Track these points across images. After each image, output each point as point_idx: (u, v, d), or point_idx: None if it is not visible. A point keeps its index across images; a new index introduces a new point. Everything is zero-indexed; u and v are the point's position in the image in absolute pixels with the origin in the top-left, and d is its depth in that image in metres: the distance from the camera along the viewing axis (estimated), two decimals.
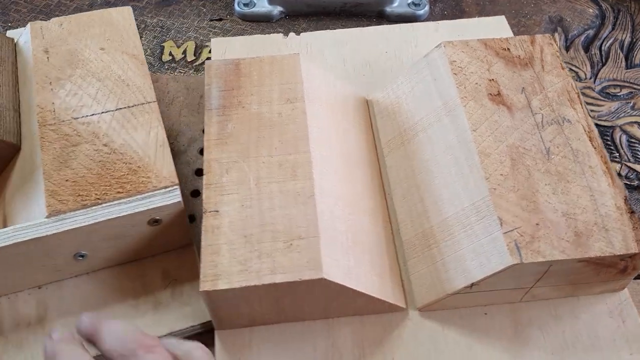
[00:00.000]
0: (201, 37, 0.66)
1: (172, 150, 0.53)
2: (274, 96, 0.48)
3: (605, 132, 0.59)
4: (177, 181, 0.43)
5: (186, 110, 0.58)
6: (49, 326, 0.44)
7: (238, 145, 0.45)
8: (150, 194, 0.43)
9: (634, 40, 0.67)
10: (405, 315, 0.43)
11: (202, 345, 0.35)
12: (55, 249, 0.42)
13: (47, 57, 0.49)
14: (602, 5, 0.70)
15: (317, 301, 0.41)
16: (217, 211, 0.41)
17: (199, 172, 0.53)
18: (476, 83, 0.47)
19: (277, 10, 0.67)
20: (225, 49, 0.60)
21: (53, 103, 0.47)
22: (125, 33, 0.52)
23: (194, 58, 0.64)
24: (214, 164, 0.44)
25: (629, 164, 0.56)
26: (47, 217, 0.41)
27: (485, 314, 0.44)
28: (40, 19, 0.70)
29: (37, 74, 0.48)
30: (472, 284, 0.40)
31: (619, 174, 0.56)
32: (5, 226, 0.44)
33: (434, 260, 0.43)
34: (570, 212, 0.41)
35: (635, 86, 0.62)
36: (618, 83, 0.62)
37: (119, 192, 0.43)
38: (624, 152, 0.57)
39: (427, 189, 0.46)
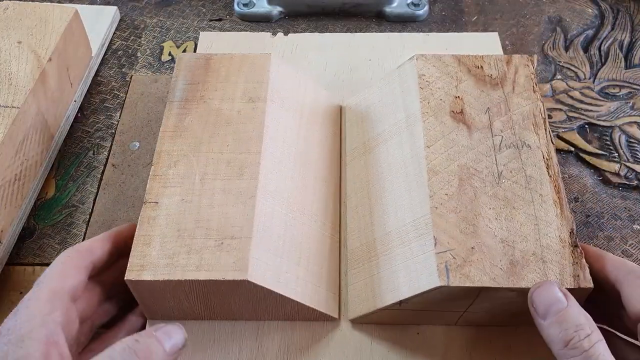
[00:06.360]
0: None
1: None
2: (237, 94, 0.48)
3: (605, 132, 0.58)
4: None
5: None
6: None
7: (191, 139, 0.45)
8: None
9: (633, 40, 0.65)
10: (336, 325, 0.43)
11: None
12: None
13: None
14: (602, 5, 0.69)
15: (244, 302, 0.41)
16: (156, 202, 0.42)
17: None
18: (440, 99, 0.47)
19: (276, 10, 0.67)
20: (211, 43, 0.61)
21: None
22: (49, 33, 0.53)
23: None
24: (164, 156, 0.44)
25: (628, 163, 0.55)
26: None
27: (418, 333, 0.43)
28: None
29: None
30: (401, 302, 0.40)
31: (618, 174, 0.54)
32: None
33: (371, 273, 0.43)
34: (510, 240, 0.40)
35: (634, 86, 0.61)
36: (617, 83, 0.61)
37: None
38: (623, 152, 0.56)
39: (377, 201, 0.45)
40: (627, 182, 0.54)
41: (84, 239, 0.51)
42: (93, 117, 0.60)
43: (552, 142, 0.45)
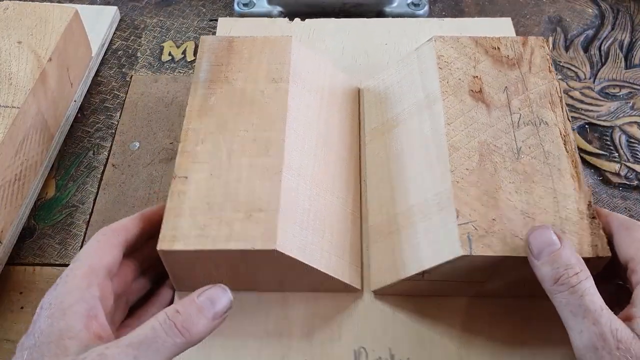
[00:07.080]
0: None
1: (172, 151, 0.53)
2: (261, 75, 0.49)
3: (605, 132, 0.59)
4: None
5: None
6: None
7: (217, 118, 0.46)
8: None
9: (633, 40, 0.66)
10: (359, 296, 0.44)
11: None
12: None
13: None
14: (602, 5, 0.70)
15: (271, 273, 0.42)
16: (185, 177, 0.43)
17: None
18: (459, 79, 0.48)
19: (276, 10, 0.68)
20: (230, 28, 0.62)
21: None
22: (49, 33, 0.54)
23: (193, 58, 0.64)
24: (191, 133, 0.45)
25: (628, 164, 0.56)
26: None
27: (439, 304, 0.44)
28: None
29: None
30: (424, 272, 0.41)
31: (618, 174, 0.55)
32: None
33: (393, 246, 0.44)
34: (530, 212, 0.41)
35: (634, 86, 0.62)
36: (617, 83, 0.62)
37: None
38: (623, 152, 0.57)
39: (398, 178, 0.47)
40: (628, 182, 0.55)
41: (84, 239, 0.52)
42: (93, 117, 0.60)
43: (569, 120, 0.46)
